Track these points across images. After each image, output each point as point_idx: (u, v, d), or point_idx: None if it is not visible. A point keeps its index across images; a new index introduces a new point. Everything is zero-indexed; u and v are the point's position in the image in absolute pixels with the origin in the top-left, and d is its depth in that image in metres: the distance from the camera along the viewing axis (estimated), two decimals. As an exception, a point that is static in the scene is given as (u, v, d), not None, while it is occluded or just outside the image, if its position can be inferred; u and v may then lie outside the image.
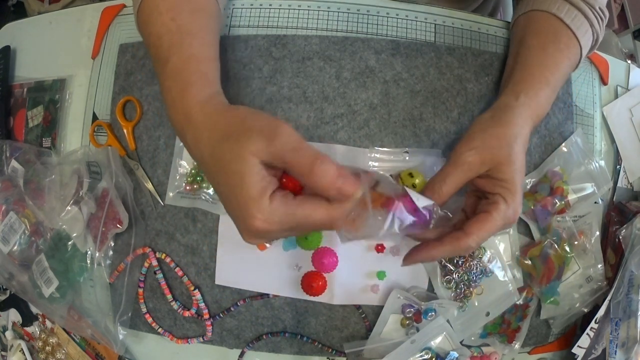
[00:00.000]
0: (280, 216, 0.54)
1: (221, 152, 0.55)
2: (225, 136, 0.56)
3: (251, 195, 0.53)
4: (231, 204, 0.56)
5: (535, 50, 0.74)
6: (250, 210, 0.53)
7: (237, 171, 0.54)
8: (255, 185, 0.53)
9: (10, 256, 0.89)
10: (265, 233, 0.55)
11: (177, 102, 0.62)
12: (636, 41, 2.38)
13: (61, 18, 0.94)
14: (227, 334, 0.82)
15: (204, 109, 0.60)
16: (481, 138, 0.65)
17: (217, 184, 0.58)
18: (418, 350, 0.77)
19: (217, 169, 0.56)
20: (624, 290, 0.81)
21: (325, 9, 0.83)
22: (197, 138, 0.59)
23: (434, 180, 0.65)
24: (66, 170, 0.84)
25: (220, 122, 0.58)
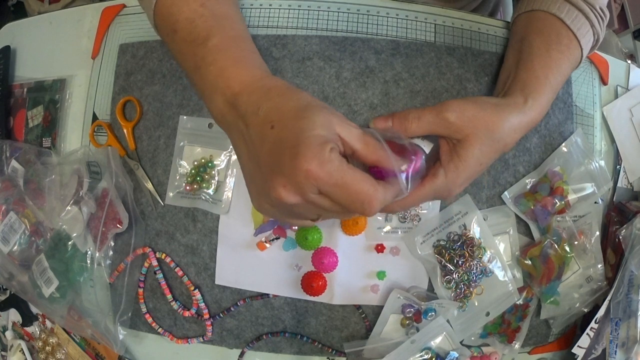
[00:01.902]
0: (334, 168, 0.52)
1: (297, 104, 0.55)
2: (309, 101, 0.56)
3: (317, 139, 0.52)
4: (281, 147, 0.53)
5: (538, 50, 0.73)
6: (312, 151, 0.51)
7: (311, 119, 0.53)
8: (323, 135, 0.52)
9: (10, 256, 0.89)
10: (312, 181, 0.51)
11: (229, 71, 0.61)
12: (636, 41, 2.38)
13: (61, 18, 0.94)
14: (227, 334, 0.82)
15: (277, 80, 0.60)
16: (474, 114, 0.64)
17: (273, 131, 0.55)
18: (418, 350, 0.77)
19: (279, 116, 0.55)
20: (624, 290, 0.81)
21: (325, 9, 0.83)
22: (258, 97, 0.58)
23: (409, 113, 0.64)
24: (66, 170, 0.84)
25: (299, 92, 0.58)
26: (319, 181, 0.51)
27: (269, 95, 0.57)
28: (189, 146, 0.80)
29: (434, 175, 0.64)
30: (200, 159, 0.79)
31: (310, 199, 0.54)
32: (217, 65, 0.61)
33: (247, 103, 0.58)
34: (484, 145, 0.64)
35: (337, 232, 0.78)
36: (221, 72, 0.61)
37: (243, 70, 0.61)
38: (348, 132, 0.54)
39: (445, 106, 0.64)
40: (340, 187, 0.52)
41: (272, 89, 0.58)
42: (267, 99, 0.57)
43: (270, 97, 0.57)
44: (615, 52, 2.07)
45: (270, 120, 0.55)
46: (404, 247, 0.79)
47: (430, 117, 0.64)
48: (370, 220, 0.78)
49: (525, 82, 0.71)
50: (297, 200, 0.53)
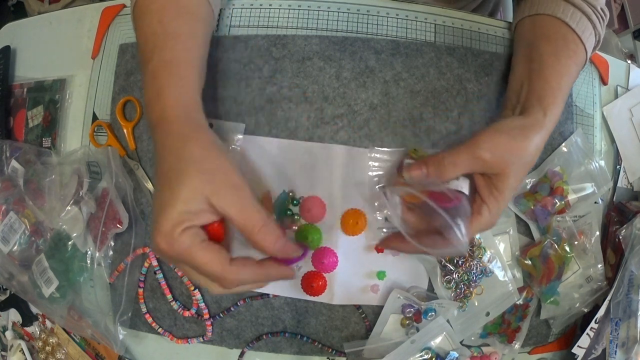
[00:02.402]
0: (182, 249, 0.57)
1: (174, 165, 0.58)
2: (191, 159, 0.58)
3: (172, 218, 0.56)
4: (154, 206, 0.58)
5: (549, 58, 0.74)
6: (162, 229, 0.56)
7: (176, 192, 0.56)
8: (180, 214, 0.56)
9: (10, 256, 0.89)
10: (164, 253, 0.57)
11: (153, 101, 0.64)
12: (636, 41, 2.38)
13: (61, 18, 0.94)
14: (227, 334, 0.82)
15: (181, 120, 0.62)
16: (505, 145, 0.65)
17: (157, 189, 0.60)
18: (418, 350, 0.77)
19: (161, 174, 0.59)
20: (624, 290, 0.81)
21: (325, 9, 0.83)
22: (161, 141, 0.61)
23: (444, 159, 0.65)
24: (66, 170, 0.84)
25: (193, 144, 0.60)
26: (168, 257, 0.58)
27: (164, 147, 0.60)
28: (189, 146, 0.80)
29: (479, 213, 0.66)
30: (200, 159, 0.79)
31: (176, 264, 0.60)
32: (147, 94, 0.65)
33: (155, 142, 0.62)
34: (518, 172, 0.66)
35: (337, 232, 0.78)
36: (147, 102, 0.64)
37: (158, 106, 0.63)
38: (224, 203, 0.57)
39: (478, 143, 0.64)
40: (191, 264, 0.58)
41: (168, 138, 0.61)
42: (162, 151, 0.60)
43: (164, 149, 0.60)
44: (615, 52, 2.08)
45: (157, 176, 0.61)
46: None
47: (465, 160, 0.64)
48: (370, 221, 0.78)
49: (541, 93, 0.71)
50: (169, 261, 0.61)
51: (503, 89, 0.82)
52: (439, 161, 0.64)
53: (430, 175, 0.64)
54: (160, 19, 0.67)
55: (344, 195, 0.77)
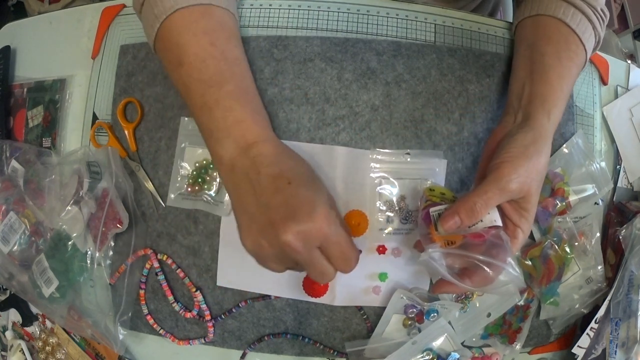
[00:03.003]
0: (337, 227, 0.62)
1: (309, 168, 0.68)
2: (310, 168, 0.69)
3: (328, 201, 0.63)
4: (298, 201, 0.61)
5: (551, 59, 0.74)
6: (325, 209, 0.61)
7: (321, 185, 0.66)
8: (330, 200, 0.65)
9: (10, 256, 0.89)
10: (321, 233, 0.60)
11: (247, 122, 0.66)
12: (636, 41, 2.38)
13: (61, 18, 0.94)
14: (228, 335, 0.82)
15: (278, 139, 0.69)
16: (526, 167, 0.65)
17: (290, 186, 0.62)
18: (419, 351, 0.77)
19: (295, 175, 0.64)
20: (624, 290, 0.82)
21: (325, 9, 0.83)
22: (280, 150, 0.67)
23: (475, 203, 0.64)
24: (66, 170, 0.83)
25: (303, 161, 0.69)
26: (325, 235, 0.60)
27: (281, 157, 0.65)
28: (190, 147, 0.80)
29: (516, 237, 0.69)
30: (201, 161, 0.79)
31: (311, 248, 0.61)
32: (234, 114, 0.66)
33: (261, 155, 0.64)
34: (538, 187, 0.68)
35: (339, 234, 0.78)
36: (238, 122, 0.66)
37: (258, 127, 0.67)
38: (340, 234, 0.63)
39: (503, 176, 0.65)
40: (337, 244, 0.62)
41: (282, 151, 0.66)
42: (280, 160, 0.65)
43: (283, 159, 0.65)
44: (615, 52, 2.08)
45: (287, 177, 0.62)
46: (405, 248, 0.79)
47: (494, 197, 0.65)
48: (372, 222, 0.78)
49: (544, 96, 0.71)
50: (301, 247, 0.60)
51: (505, 90, 0.82)
52: (471, 207, 0.64)
53: (465, 223, 0.64)
54: (212, 41, 0.68)
55: (346, 197, 0.77)
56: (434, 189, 0.72)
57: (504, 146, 0.67)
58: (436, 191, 0.71)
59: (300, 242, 0.59)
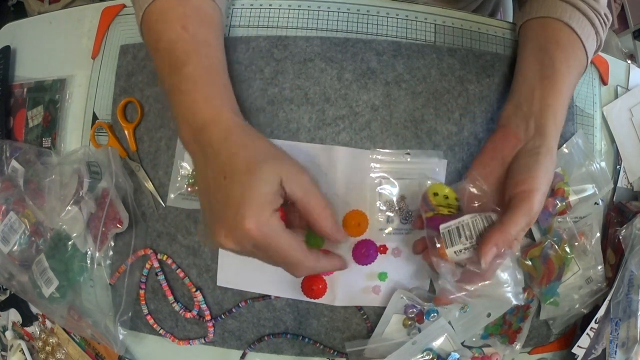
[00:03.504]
0: (270, 230, 0.59)
1: (247, 158, 0.60)
2: (259, 151, 0.62)
3: (260, 200, 0.58)
4: (230, 202, 0.59)
5: (561, 67, 0.74)
6: (252, 211, 0.58)
7: (257, 176, 0.59)
8: (267, 194, 0.59)
9: (10, 256, 0.89)
10: (249, 237, 0.58)
11: (199, 103, 0.65)
12: (636, 41, 2.38)
13: (61, 18, 0.94)
14: (228, 335, 0.82)
15: (238, 118, 0.66)
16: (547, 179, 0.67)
17: (225, 182, 0.60)
18: (419, 351, 0.77)
19: (235, 171, 0.60)
20: (624, 290, 0.82)
21: (325, 9, 0.83)
22: (223, 137, 0.63)
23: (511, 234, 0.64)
24: (66, 170, 0.83)
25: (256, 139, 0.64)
26: (255, 239, 0.59)
27: (228, 143, 0.62)
28: (190, 147, 0.80)
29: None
30: (201, 161, 0.79)
31: (246, 250, 0.61)
32: (189, 97, 0.65)
33: (208, 143, 0.63)
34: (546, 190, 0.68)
35: (339, 233, 0.78)
36: (191, 105, 0.65)
37: (210, 108, 0.65)
38: (293, 185, 0.61)
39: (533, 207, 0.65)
40: (273, 248, 0.60)
41: (231, 135, 0.63)
42: (225, 146, 0.62)
43: (229, 145, 0.62)
44: (615, 52, 2.08)
45: (224, 170, 0.61)
46: (405, 248, 0.79)
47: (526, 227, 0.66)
48: (372, 222, 0.78)
49: (555, 109, 0.72)
50: (234, 248, 0.61)
51: (505, 90, 0.82)
52: (509, 240, 0.64)
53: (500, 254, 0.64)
54: (184, 25, 0.68)
55: (346, 197, 0.77)
56: (437, 192, 0.71)
57: (530, 170, 0.67)
58: (440, 195, 0.70)
59: (234, 245, 0.60)
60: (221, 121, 0.64)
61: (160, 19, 0.69)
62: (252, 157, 0.61)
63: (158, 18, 0.69)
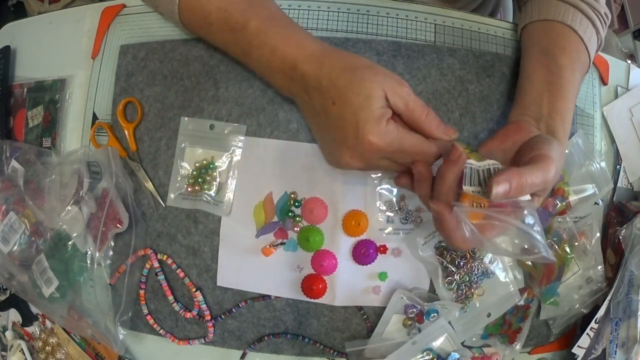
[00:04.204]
0: (392, 138, 0.61)
1: (349, 78, 0.62)
2: (356, 67, 0.63)
3: (374, 115, 0.61)
4: (345, 124, 0.62)
5: (567, 71, 0.74)
6: (370, 126, 0.60)
7: (365, 94, 0.61)
8: (378, 109, 0.61)
9: (10, 256, 0.89)
10: (375, 150, 0.62)
11: (279, 47, 0.66)
12: (636, 41, 2.38)
13: (61, 18, 0.94)
14: (228, 335, 0.82)
15: (321, 43, 0.67)
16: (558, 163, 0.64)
17: (334, 107, 0.62)
18: (419, 351, 0.77)
19: (341, 92, 0.62)
20: (624, 290, 0.82)
21: (325, 9, 0.83)
22: (316, 65, 0.64)
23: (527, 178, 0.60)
24: (66, 170, 0.83)
25: (347, 56, 0.65)
26: (382, 151, 0.62)
27: (323, 69, 0.64)
28: (190, 147, 0.80)
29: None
30: (201, 161, 0.79)
31: (374, 163, 0.64)
32: (266, 47, 0.67)
33: (305, 77, 0.65)
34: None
35: (339, 234, 0.78)
36: (273, 52, 0.67)
37: (292, 45, 0.66)
38: (397, 99, 0.63)
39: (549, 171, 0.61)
40: (401, 152, 0.63)
41: (323, 60, 0.64)
42: (322, 73, 0.63)
43: (327, 71, 0.63)
44: (615, 52, 2.08)
45: (330, 96, 0.63)
46: (405, 248, 0.79)
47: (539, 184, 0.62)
48: (372, 222, 0.78)
49: (563, 114, 0.72)
50: (363, 165, 0.64)
51: (505, 90, 0.82)
52: (523, 182, 0.59)
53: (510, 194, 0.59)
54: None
55: (346, 197, 0.77)
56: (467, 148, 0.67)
57: (546, 142, 0.65)
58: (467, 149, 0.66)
59: (361, 162, 0.63)
60: (309, 53, 0.65)
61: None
62: (353, 77, 0.62)
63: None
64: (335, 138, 0.64)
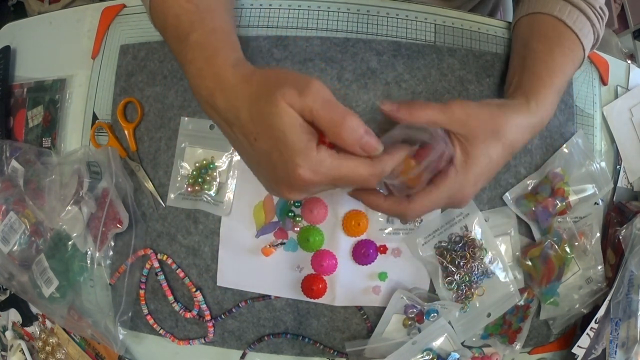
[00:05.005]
0: (327, 167, 0.55)
1: (259, 109, 0.55)
2: (262, 93, 0.56)
3: (297, 146, 0.54)
4: (273, 160, 0.56)
5: (542, 55, 0.74)
6: (297, 160, 0.54)
7: (279, 124, 0.53)
8: (300, 137, 0.54)
9: (10, 256, 0.89)
10: (311, 184, 0.55)
11: (204, 69, 0.61)
12: (636, 41, 2.38)
13: (61, 18, 0.94)
14: (228, 335, 0.82)
15: (236, 69, 0.60)
16: (477, 111, 0.65)
17: (257, 143, 0.57)
18: (419, 351, 0.77)
19: (258, 127, 0.56)
20: (624, 290, 0.82)
21: (325, 9, 0.82)
22: (230, 99, 0.58)
23: (415, 102, 0.64)
24: (66, 170, 0.84)
25: (254, 80, 0.58)
26: (317, 183, 0.55)
27: (241, 99, 0.57)
28: (190, 147, 0.80)
29: (446, 173, 0.63)
30: (201, 161, 0.79)
31: (316, 191, 0.60)
32: (195, 65, 0.62)
33: (225, 108, 0.59)
34: (490, 143, 0.65)
35: (339, 234, 0.78)
36: (198, 72, 0.62)
37: (214, 67, 0.61)
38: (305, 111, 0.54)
39: (451, 104, 0.64)
40: (341, 177, 0.56)
41: (241, 89, 0.58)
42: (234, 109, 0.58)
43: (236, 106, 0.58)
44: (615, 52, 2.08)
45: (250, 132, 0.57)
46: (405, 248, 0.79)
47: (436, 107, 0.64)
48: (372, 222, 0.78)
49: (528, 85, 0.71)
50: (307, 196, 0.61)
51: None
52: (411, 104, 0.63)
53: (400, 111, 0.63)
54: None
55: (346, 197, 0.77)
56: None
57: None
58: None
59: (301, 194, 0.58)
60: (229, 78, 0.59)
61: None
62: (259, 109, 0.55)
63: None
64: (269, 174, 0.59)
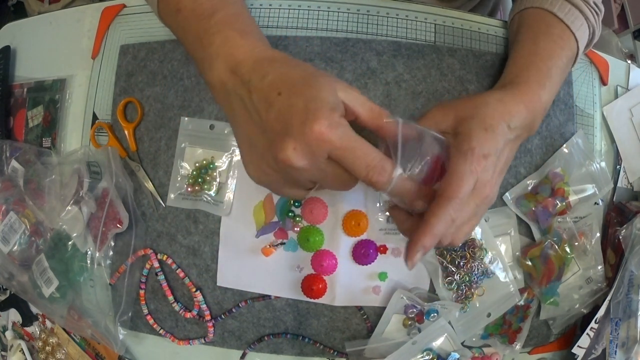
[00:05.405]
0: (344, 132, 0.53)
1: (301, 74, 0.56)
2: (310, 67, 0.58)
3: (327, 104, 0.53)
4: (290, 112, 0.54)
5: (527, 43, 0.75)
6: (322, 113, 0.52)
7: (318, 87, 0.54)
8: (333, 100, 0.54)
9: (10, 256, 0.89)
10: (323, 144, 0.53)
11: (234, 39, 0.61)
12: (636, 41, 2.37)
13: (61, 18, 0.94)
14: (228, 335, 0.82)
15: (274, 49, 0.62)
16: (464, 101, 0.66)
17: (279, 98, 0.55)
18: (419, 351, 0.77)
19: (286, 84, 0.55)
20: (624, 290, 0.82)
21: (325, 9, 0.82)
22: (263, 65, 0.58)
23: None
24: (66, 170, 0.84)
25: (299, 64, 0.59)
26: (330, 143, 0.53)
27: (274, 65, 0.58)
28: (190, 147, 0.80)
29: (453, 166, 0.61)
30: (201, 161, 0.79)
31: (318, 162, 0.55)
32: (221, 35, 0.62)
33: (251, 70, 0.58)
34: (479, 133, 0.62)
35: (339, 234, 0.78)
36: (225, 41, 0.61)
37: (247, 41, 0.61)
38: (351, 98, 0.57)
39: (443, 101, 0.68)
40: (350, 150, 0.54)
41: (276, 58, 0.59)
42: (273, 67, 0.57)
43: (276, 66, 0.58)
44: (615, 52, 2.07)
45: (276, 87, 0.55)
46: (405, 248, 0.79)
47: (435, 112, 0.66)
48: (372, 222, 0.78)
49: (508, 70, 0.74)
50: (305, 163, 0.54)
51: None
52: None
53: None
54: None
55: (346, 197, 0.77)
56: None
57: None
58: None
59: (302, 157, 0.54)
60: (262, 51, 0.60)
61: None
62: (307, 74, 0.56)
63: None
64: (277, 131, 0.55)
